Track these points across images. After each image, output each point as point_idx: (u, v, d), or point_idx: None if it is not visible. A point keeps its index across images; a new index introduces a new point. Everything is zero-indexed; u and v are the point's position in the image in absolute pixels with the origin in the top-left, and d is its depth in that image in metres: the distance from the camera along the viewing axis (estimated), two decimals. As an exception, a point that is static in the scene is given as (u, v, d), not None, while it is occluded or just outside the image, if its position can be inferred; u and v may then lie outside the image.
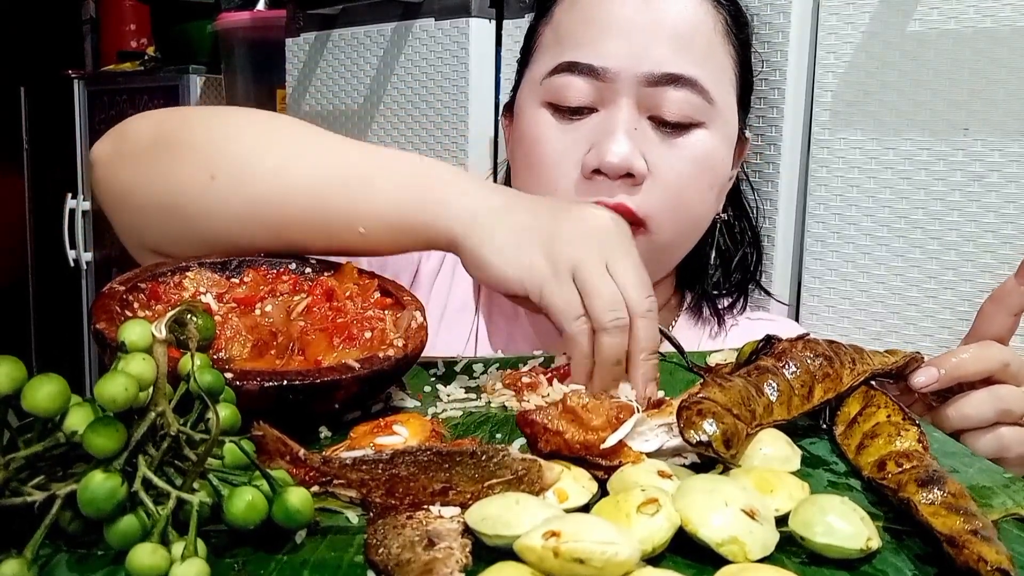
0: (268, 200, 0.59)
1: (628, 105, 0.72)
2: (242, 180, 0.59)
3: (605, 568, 0.31)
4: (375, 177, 0.59)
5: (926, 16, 0.85)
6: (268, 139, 0.62)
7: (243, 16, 1.84)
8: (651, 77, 0.71)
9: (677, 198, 0.73)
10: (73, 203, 2.42)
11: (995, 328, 0.62)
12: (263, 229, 0.59)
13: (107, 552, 0.34)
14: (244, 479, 0.36)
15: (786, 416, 0.46)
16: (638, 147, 0.71)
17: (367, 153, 0.61)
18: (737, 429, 0.41)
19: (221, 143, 0.61)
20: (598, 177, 0.71)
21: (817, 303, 0.94)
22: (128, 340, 0.36)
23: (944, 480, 0.39)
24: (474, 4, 1.19)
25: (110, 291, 0.51)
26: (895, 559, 0.36)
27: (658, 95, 0.71)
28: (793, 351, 0.50)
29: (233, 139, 0.61)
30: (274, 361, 0.50)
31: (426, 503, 0.37)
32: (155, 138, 0.63)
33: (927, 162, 0.86)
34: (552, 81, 0.74)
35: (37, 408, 0.33)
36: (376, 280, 0.58)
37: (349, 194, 0.59)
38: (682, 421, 0.41)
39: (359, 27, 1.34)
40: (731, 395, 0.44)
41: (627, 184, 0.71)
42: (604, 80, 0.72)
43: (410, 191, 0.59)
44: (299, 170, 0.59)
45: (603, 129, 0.72)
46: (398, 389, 0.55)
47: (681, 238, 0.77)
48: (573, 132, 0.73)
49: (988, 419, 0.58)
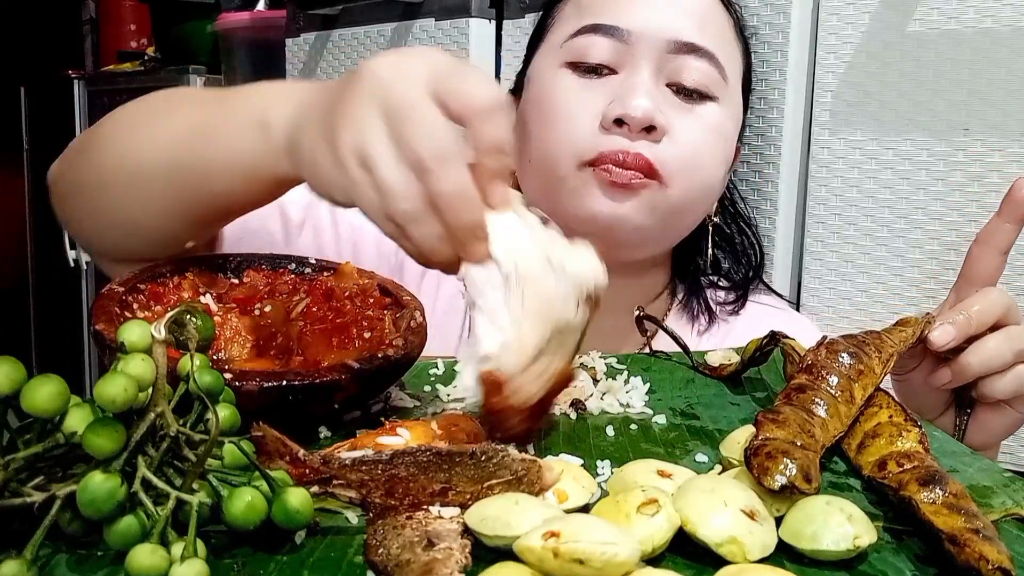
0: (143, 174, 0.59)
1: (648, 68, 0.73)
2: (123, 158, 0.61)
3: (605, 568, 0.31)
4: (217, 130, 0.56)
5: (926, 16, 0.85)
6: (143, 107, 0.64)
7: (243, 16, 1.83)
8: (673, 44, 0.73)
9: (693, 159, 0.74)
10: (73, 203, 2.42)
11: (985, 269, 0.63)
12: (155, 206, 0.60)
13: (107, 552, 0.34)
14: (244, 479, 0.36)
15: (841, 428, 0.46)
16: (658, 106, 0.72)
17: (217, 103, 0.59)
18: (809, 460, 0.39)
19: (108, 130, 0.64)
20: (619, 128, 0.71)
21: (817, 303, 0.94)
22: (128, 341, 0.36)
23: (946, 480, 0.39)
24: (474, 4, 1.19)
25: (110, 292, 0.51)
26: (895, 559, 0.36)
27: (679, 62, 0.73)
28: (820, 360, 0.49)
29: (119, 120, 0.64)
30: (273, 361, 0.50)
31: (426, 503, 0.37)
32: (78, 150, 0.67)
33: (927, 162, 0.86)
34: (574, 42, 0.75)
35: (37, 409, 0.33)
36: (376, 280, 0.58)
37: (196, 154, 0.57)
38: (755, 470, 0.39)
39: (359, 27, 1.34)
40: (789, 427, 0.42)
41: (648, 138, 0.72)
42: (627, 42, 0.73)
43: (244, 131, 0.54)
44: (159, 139, 0.60)
45: (626, 87, 0.72)
46: (398, 389, 0.55)
47: (691, 203, 0.77)
48: (593, 89, 0.74)
49: (1008, 361, 0.60)
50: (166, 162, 0.58)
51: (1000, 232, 0.63)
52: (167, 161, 0.58)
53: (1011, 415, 0.63)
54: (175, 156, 0.58)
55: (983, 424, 0.64)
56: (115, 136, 0.63)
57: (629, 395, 0.56)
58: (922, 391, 0.64)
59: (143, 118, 0.64)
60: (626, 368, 0.61)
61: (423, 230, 0.44)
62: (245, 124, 0.55)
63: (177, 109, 0.63)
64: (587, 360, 0.61)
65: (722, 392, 0.58)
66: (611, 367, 0.61)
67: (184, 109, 0.62)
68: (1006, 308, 0.60)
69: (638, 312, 0.66)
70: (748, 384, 0.59)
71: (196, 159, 0.57)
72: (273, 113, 0.53)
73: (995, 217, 0.63)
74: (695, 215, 0.80)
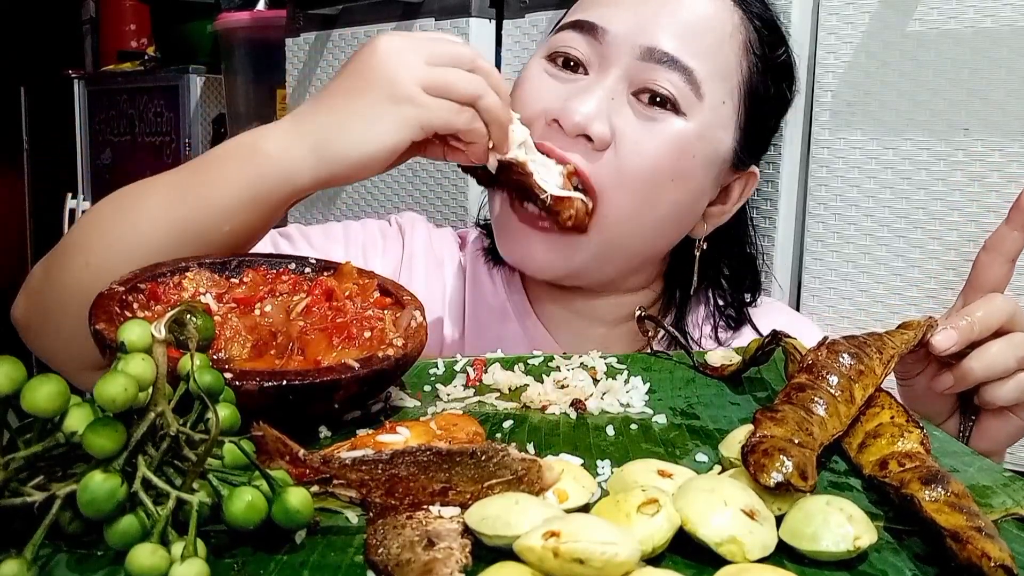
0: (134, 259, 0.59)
1: (617, 76, 0.71)
2: (107, 249, 0.62)
3: (605, 568, 0.31)
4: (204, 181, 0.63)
5: (926, 16, 0.85)
6: (118, 204, 0.65)
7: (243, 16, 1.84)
8: (648, 51, 0.70)
9: (634, 173, 0.69)
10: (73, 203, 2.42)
11: (993, 277, 0.63)
12: None
13: (107, 552, 0.34)
14: (244, 479, 0.36)
15: (840, 427, 0.46)
16: (608, 115, 0.69)
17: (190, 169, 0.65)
18: (806, 457, 0.40)
19: (84, 232, 0.65)
20: (556, 129, 0.70)
21: (817, 303, 0.94)
22: (128, 340, 0.36)
23: (948, 479, 0.39)
24: (474, 4, 1.19)
25: (109, 291, 0.51)
26: (895, 559, 0.36)
27: (649, 70, 0.70)
28: (821, 360, 0.49)
29: (92, 223, 0.65)
30: (274, 361, 0.50)
31: (426, 503, 0.37)
32: (44, 268, 0.67)
33: (927, 162, 0.86)
34: (556, 37, 0.75)
35: (37, 408, 0.33)
36: (376, 280, 0.58)
37: (192, 208, 0.62)
38: (752, 467, 0.39)
39: (359, 27, 1.34)
40: (787, 425, 0.43)
41: (585, 147, 0.69)
42: (602, 42, 0.71)
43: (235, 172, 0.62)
44: (146, 220, 0.63)
45: (581, 88, 0.71)
46: (398, 389, 0.55)
47: (632, 219, 0.71)
48: (558, 86, 0.73)
49: (1011, 368, 0.60)
50: (163, 233, 0.61)
51: (1008, 239, 0.62)
52: (164, 232, 0.61)
53: (1015, 422, 0.62)
54: (171, 224, 0.62)
55: (987, 431, 0.63)
56: (89, 246, 0.63)
57: (629, 395, 0.55)
58: (926, 396, 0.64)
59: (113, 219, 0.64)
60: (626, 368, 0.61)
61: (474, 132, 0.64)
62: (232, 162, 0.62)
63: (143, 198, 0.65)
64: (587, 360, 0.61)
65: (722, 392, 0.58)
66: (611, 367, 0.61)
67: (152, 193, 0.65)
68: (1010, 314, 0.59)
69: (639, 312, 0.66)
70: (748, 384, 0.59)
71: (191, 216, 0.62)
72: (261, 142, 0.62)
73: (1003, 225, 0.63)
74: (646, 239, 0.74)
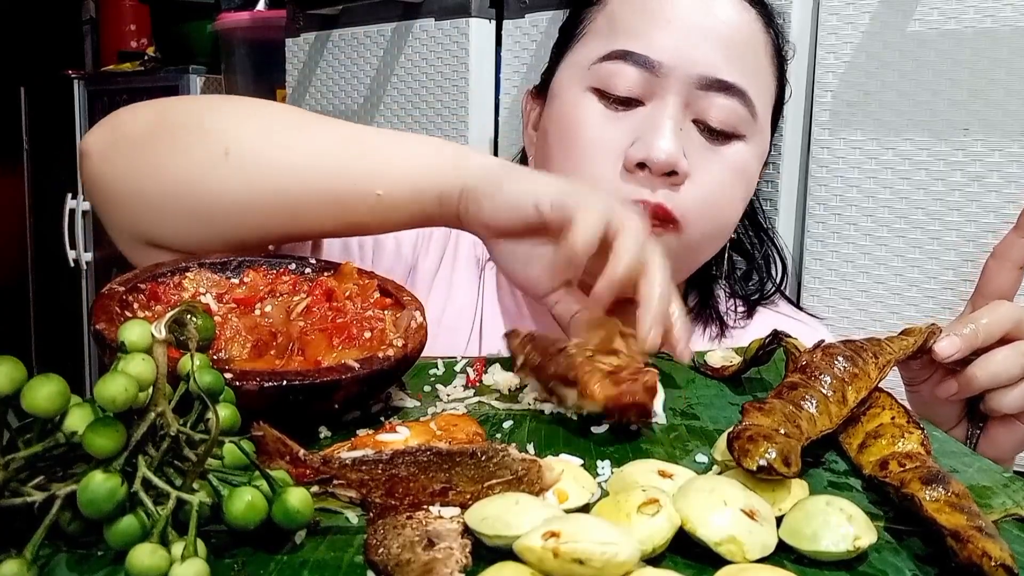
0: (285, 171, 0.59)
1: (676, 104, 0.71)
2: (258, 152, 0.59)
3: (605, 568, 0.31)
4: (389, 143, 0.61)
5: (926, 16, 0.85)
6: (279, 116, 0.63)
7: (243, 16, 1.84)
8: (704, 80, 0.70)
9: (712, 203, 0.72)
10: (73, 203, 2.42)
11: (1001, 284, 0.63)
12: (278, 206, 0.60)
13: (107, 552, 0.34)
14: (244, 479, 0.36)
15: (829, 425, 0.46)
16: (682, 146, 0.70)
17: (373, 129, 0.64)
18: (791, 446, 0.40)
19: (231, 121, 0.61)
20: (641, 172, 0.70)
21: (817, 303, 0.94)
22: (128, 340, 0.36)
23: (948, 480, 0.39)
24: (474, 4, 1.19)
25: (110, 291, 0.51)
26: (895, 559, 0.36)
27: (707, 99, 0.71)
28: (815, 360, 0.49)
29: (244, 117, 0.62)
30: (274, 361, 0.50)
31: (426, 503, 0.37)
32: (157, 124, 0.62)
33: (927, 162, 0.86)
34: (602, 67, 0.72)
35: (37, 408, 0.33)
36: (376, 280, 0.58)
37: (367, 160, 0.60)
38: (736, 452, 0.39)
39: (359, 27, 1.34)
40: (774, 416, 0.43)
41: (668, 182, 0.70)
42: (657, 74, 0.70)
43: (425, 157, 0.60)
44: (314, 142, 0.60)
45: (650, 123, 0.70)
46: (398, 389, 0.55)
47: (708, 242, 0.76)
48: (618, 122, 0.72)
49: (1016, 375, 0.59)
50: (323, 173, 0.59)
51: (1016, 246, 0.62)
52: (324, 173, 0.59)
53: (1021, 430, 0.62)
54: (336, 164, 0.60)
55: (994, 438, 0.63)
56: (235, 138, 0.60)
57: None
58: (934, 403, 0.64)
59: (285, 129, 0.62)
60: (626, 368, 0.61)
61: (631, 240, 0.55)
62: (429, 146, 0.61)
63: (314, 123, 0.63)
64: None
65: (722, 392, 0.58)
66: (611, 367, 0.61)
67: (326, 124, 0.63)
68: (1016, 321, 0.59)
69: None
70: (748, 384, 0.59)
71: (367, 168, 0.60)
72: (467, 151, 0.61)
73: (1012, 232, 0.63)
74: (710, 252, 0.78)
